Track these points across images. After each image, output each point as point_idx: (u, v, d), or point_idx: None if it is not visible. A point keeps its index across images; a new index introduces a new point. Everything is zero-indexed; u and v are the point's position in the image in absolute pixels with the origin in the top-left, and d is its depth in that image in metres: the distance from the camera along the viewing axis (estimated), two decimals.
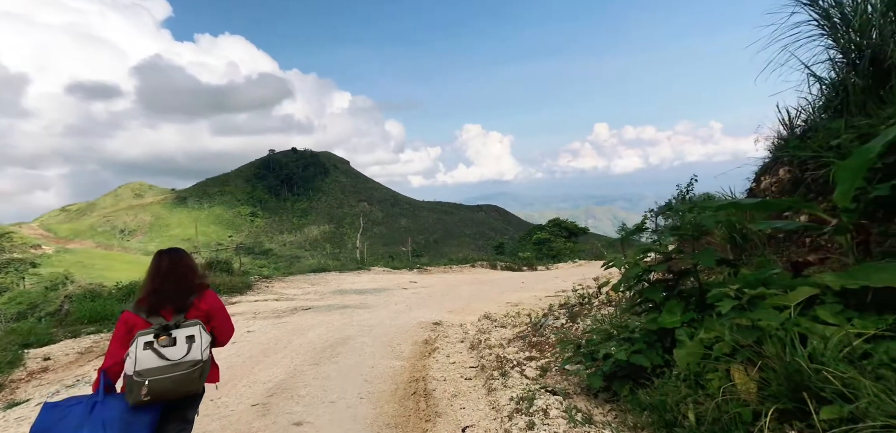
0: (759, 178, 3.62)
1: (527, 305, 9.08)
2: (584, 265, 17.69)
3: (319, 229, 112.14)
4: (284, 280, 14.48)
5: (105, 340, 6.79)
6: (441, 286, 13.22)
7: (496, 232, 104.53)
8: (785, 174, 3.30)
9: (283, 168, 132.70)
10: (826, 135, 2.86)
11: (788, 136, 3.50)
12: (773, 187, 3.36)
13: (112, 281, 13.91)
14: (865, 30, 2.74)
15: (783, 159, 3.42)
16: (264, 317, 8.49)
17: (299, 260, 66.44)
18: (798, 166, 3.14)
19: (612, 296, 4.45)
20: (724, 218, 2.77)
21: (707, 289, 2.52)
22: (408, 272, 16.75)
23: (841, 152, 2.71)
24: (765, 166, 3.64)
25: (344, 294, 11.84)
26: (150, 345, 1.94)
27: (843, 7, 2.92)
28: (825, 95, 3.10)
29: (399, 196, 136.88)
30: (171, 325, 2.04)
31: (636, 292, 2.91)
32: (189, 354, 1.98)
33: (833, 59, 3.03)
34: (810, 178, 2.88)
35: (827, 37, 3.07)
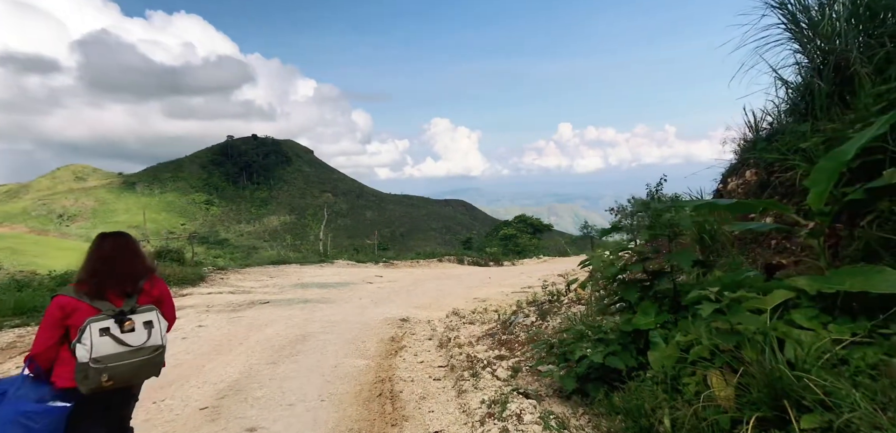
0: (725, 179, 3.68)
1: (494, 301, 9.08)
2: (548, 261, 18.04)
3: (280, 220, 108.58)
4: (241, 272, 13.79)
5: (31, 335, 6.13)
6: (408, 281, 13.02)
7: (463, 226, 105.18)
8: (751, 176, 3.37)
9: (242, 155, 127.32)
10: (792, 138, 2.91)
11: (754, 139, 3.58)
12: (740, 189, 3.42)
13: (45, 268, 12.71)
14: (830, 36, 2.80)
15: (749, 161, 3.49)
16: (218, 311, 7.99)
17: (257, 251, 63.98)
18: (765, 168, 3.20)
19: (582, 295, 4.46)
20: (700, 218, 2.76)
21: (682, 290, 2.50)
22: (373, 266, 16.41)
23: (806, 155, 2.75)
24: (731, 168, 3.72)
25: (305, 287, 11.41)
26: (106, 332, 1.85)
27: (809, 12, 2.99)
28: (791, 99, 3.18)
29: (365, 188, 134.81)
30: (126, 311, 1.95)
31: (610, 291, 2.86)
32: (150, 340, 1.95)
33: (799, 64, 3.10)
34: (777, 180, 2.93)
35: (794, 41, 3.14)
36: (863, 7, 2.63)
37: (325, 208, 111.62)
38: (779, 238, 2.85)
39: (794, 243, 2.70)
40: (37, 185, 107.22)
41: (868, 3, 2.59)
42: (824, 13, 2.86)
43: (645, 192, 4.95)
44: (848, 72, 2.75)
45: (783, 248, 2.78)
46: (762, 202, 2.19)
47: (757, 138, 3.48)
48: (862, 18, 2.66)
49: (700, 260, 2.59)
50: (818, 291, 1.78)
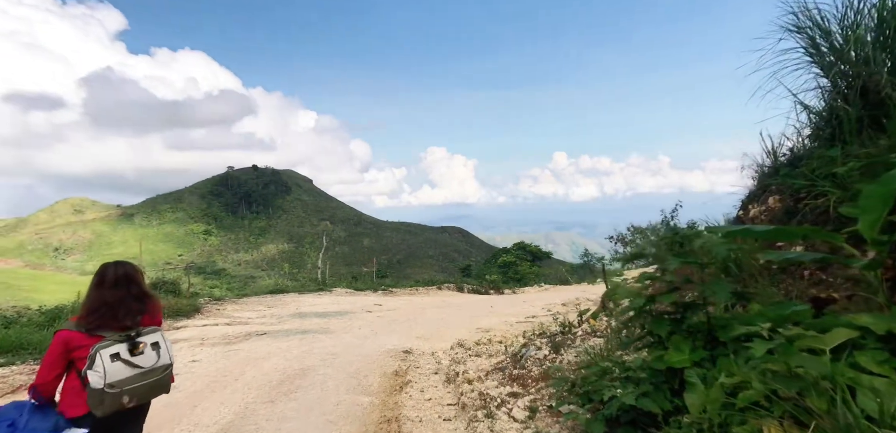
0: (746, 206, 3.53)
1: (498, 331, 8.79)
2: (550, 290, 17.73)
3: (278, 248, 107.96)
4: (238, 302, 13.45)
5: (18, 374, 5.82)
6: (408, 309, 12.71)
7: (460, 254, 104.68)
8: (775, 203, 3.22)
9: (242, 185, 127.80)
10: (821, 163, 2.77)
11: (775, 165, 3.44)
12: (763, 216, 3.26)
13: (39, 303, 12.36)
14: (854, 61, 2.71)
15: (771, 187, 3.34)
16: (213, 344, 7.69)
17: (255, 280, 63.27)
18: (790, 195, 3.05)
19: (596, 326, 4.24)
20: (735, 245, 2.59)
21: (716, 324, 2.30)
22: (372, 294, 16.09)
23: (838, 182, 2.61)
24: (751, 194, 3.57)
25: (303, 317, 11.09)
26: (117, 357, 1.94)
27: (831, 36, 2.90)
28: (814, 124, 3.06)
29: (363, 215, 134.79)
30: (134, 335, 2.04)
31: (637, 324, 2.66)
32: (159, 360, 2.07)
33: (822, 88, 2.99)
34: (806, 207, 2.77)
35: (814, 65, 3.05)
36: (891, 30, 2.53)
37: (324, 236, 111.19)
38: (812, 269, 2.67)
39: (832, 274, 2.53)
40: (35, 219, 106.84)
41: None
42: (848, 37, 2.77)
43: (659, 219, 4.81)
44: (878, 96, 2.64)
45: (819, 280, 2.60)
46: (804, 229, 2.02)
47: (778, 164, 3.35)
48: (889, 42, 2.57)
49: (738, 291, 2.40)
50: (888, 331, 1.59)
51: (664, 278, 2.46)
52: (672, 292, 2.41)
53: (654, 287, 2.70)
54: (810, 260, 2.19)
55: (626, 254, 3.23)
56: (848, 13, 2.75)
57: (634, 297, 2.47)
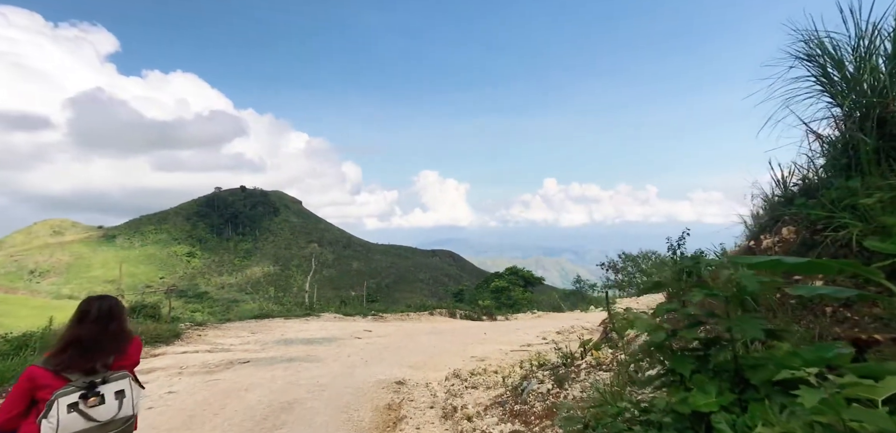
0: (758, 236, 3.42)
1: (494, 360, 8.52)
2: (543, 316, 17.48)
3: (263, 271, 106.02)
4: (220, 327, 12.94)
5: None
6: (399, 336, 12.35)
7: (450, 278, 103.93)
8: (789, 233, 3.11)
9: (229, 206, 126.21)
10: (839, 194, 2.67)
11: (788, 195, 3.36)
12: (777, 247, 3.15)
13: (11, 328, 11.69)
14: (866, 92, 2.65)
15: (784, 218, 3.24)
16: (192, 373, 7.27)
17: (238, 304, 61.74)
18: (806, 226, 2.95)
19: (601, 359, 4.04)
20: (765, 278, 2.44)
21: (744, 364, 2.13)
22: (362, 319, 15.66)
23: (859, 214, 2.51)
24: (763, 225, 3.46)
25: (289, 344, 10.67)
26: (74, 408, 1.81)
27: (843, 65, 2.85)
28: (829, 154, 2.98)
29: (352, 238, 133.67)
30: (97, 382, 1.90)
31: (656, 361, 2.47)
32: (120, 412, 1.92)
33: (835, 117, 2.93)
34: (828, 239, 2.65)
35: (826, 94, 2.99)
36: None
37: (314, 258, 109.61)
38: (835, 306, 2.54)
39: (857, 312, 2.39)
40: (10, 240, 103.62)
41: None
42: (862, 66, 2.72)
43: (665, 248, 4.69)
44: (895, 127, 2.57)
45: (844, 318, 2.47)
46: (841, 263, 1.87)
47: (791, 194, 3.26)
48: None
49: (772, 329, 2.24)
50: None
51: (686, 311, 2.30)
52: (695, 326, 2.24)
53: (674, 320, 2.53)
54: (849, 296, 2.04)
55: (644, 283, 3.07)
56: (861, 42, 2.70)
57: (654, 331, 2.29)
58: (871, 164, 2.61)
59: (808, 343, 2.04)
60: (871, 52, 2.65)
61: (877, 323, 2.37)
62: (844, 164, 2.79)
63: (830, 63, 2.94)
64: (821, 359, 1.79)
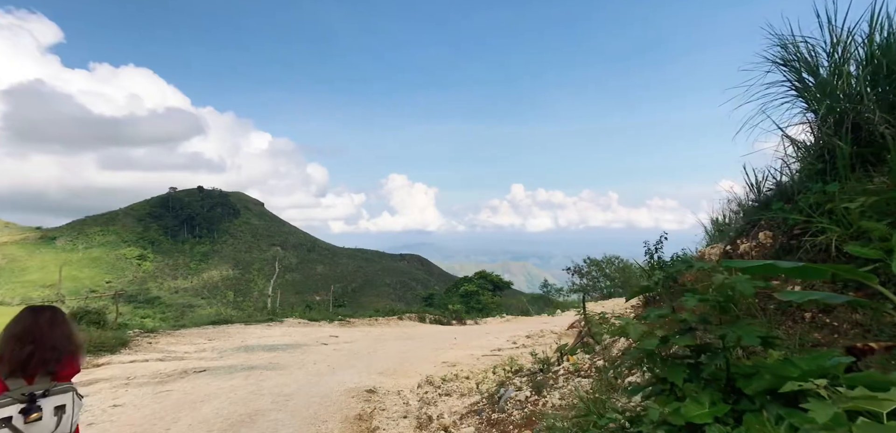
0: (734, 241, 3.45)
1: (465, 365, 8.39)
2: (512, 320, 17.56)
3: (221, 274, 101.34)
4: (174, 334, 12.12)
5: None
6: (367, 341, 11.99)
7: (418, 282, 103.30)
8: (766, 238, 3.15)
9: (185, 207, 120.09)
10: (818, 198, 2.71)
11: (764, 199, 3.42)
12: (755, 252, 3.18)
13: None
14: (841, 98, 2.71)
15: (760, 223, 3.28)
16: (141, 384, 6.70)
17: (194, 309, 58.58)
18: (783, 231, 2.99)
19: (579, 365, 3.98)
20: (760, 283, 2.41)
21: (738, 373, 2.08)
22: (328, 324, 15.15)
23: (835, 218, 2.55)
24: (740, 229, 3.51)
25: (250, 351, 10.11)
26: (6, 423, 1.67)
27: (818, 71, 2.92)
28: (803, 159, 3.04)
29: (317, 241, 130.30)
30: (36, 394, 1.73)
31: (644, 369, 2.39)
32: (58, 428, 1.76)
33: (810, 122, 2.99)
34: (808, 243, 2.68)
35: (801, 99, 3.06)
36: (882, 68, 2.55)
37: (277, 262, 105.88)
38: (814, 312, 2.57)
39: (836, 318, 2.42)
40: None
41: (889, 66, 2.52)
42: (839, 73, 2.78)
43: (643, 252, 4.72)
44: (869, 133, 2.63)
45: (823, 324, 2.50)
46: (834, 267, 1.84)
47: (766, 198, 3.32)
48: (878, 79, 2.58)
49: (770, 337, 2.20)
50: None
51: (678, 316, 2.23)
52: (687, 333, 2.17)
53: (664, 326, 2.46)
54: (845, 302, 2.02)
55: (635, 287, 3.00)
56: (835, 47, 2.76)
57: (645, 337, 2.21)
58: (846, 169, 2.66)
59: (799, 351, 2.02)
60: (845, 58, 2.73)
61: (858, 329, 2.40)
62: (820, 169, 2.84)
63: (805, 68, 3.01)
64: (820, 369, 1.74)
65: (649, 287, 2.54)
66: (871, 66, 2.60)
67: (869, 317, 2.21)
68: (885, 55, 2.51)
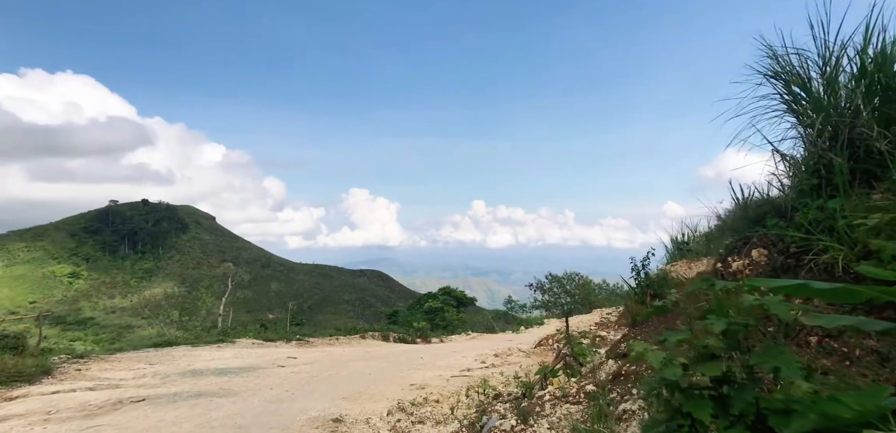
0: (726, 259, 3.37)
1: (436, 388, 8.00)
2: (478, 337, 17.29)
3: (166, 292, 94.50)
4: (108, 359, 10.87)
5: None
6: (328, 362, 11.29)
7: (378, 299, 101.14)
8: (760, 256, 3.07)
9: (127, 221, 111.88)
10: (817, 216, 2.64)
11: (743, 215, 3.38)
12: (748, 270, 3.10)
13: None
14: (841, 111, 2.68)
15: (753, 240, 3.22)
16: (65, 418, 5.81)
17: (132, 330, 54.01)
18: (779, 249, 2.91)
19: (566, 389, 3.76)
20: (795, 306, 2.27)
21: (768, 408, 1.88)
22: (285, 344, 14.21)
23: (837, 236, 2.48)
24: (731, 246, 3.43)
25: (198, 376, 9.20)
26: None
27: (809, 85, 2.90)
28: (796, 174, 3.00)
29: (272, 256, 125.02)
30: None
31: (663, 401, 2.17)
32: None
33: (803, 137, 2.96)
34: (811, 262, 2.59)
35: (790, 113, 3.04)
36: (880, 82, 2.54)
37: (229, 279, 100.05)
38: (820, 336, 2.47)
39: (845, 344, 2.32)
40: None
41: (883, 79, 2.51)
42: (832, 87, 2.76)
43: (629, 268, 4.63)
44: (866, 148, 2.60)
45: (830, 350, 2.40)
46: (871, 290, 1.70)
47: (757, 215, 3.26)
48: (873, 93, 2.57)
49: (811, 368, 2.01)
50: None
51: (702, 342, 2.02)
52: (713, 361, 1.96)
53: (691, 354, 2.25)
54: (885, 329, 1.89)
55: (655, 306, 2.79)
56: (828, 62, 2.75)
57: (667, 366, 1.98)
58: (845, 185, 2.60)
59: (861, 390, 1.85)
60: (838, 71, 2.72)
61: (873, 356, 2.29)
62: (815, 184, 2.79)
63: (795, 82, 3.00)
64: (878, 409, 1.56)
65: (664, 308, 2.34)
66: (865, 80, 2.60)
67: (885, 343, 2.12)
68: (879, 69, 2.51)
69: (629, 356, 2.15)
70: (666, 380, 2.04)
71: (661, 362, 2.09)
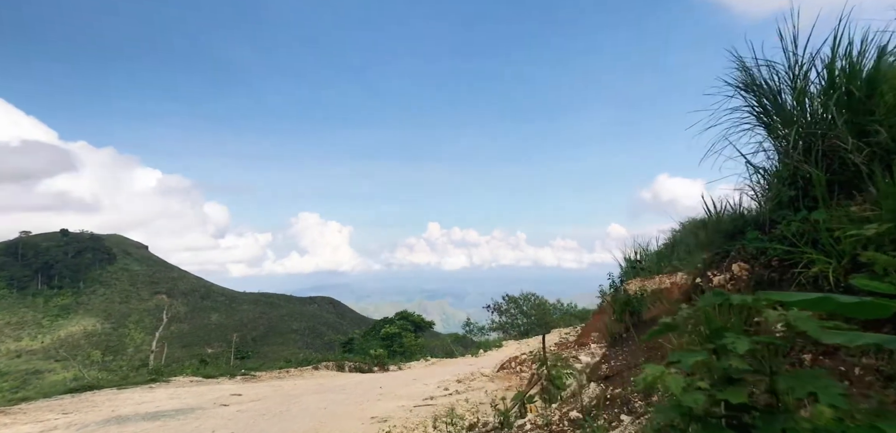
0: (705, 273, 3.34)
1: (398, 420, 7.51)
2: (437, 363, 16.81)
3: (86, 329, 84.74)
4: (8, 412, 9.31)
5: None
6: (278, 398, 10.38)
7: (329, 326, 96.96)
8: (741, 270, 3.04)
9: (41, 254, 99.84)
10: (801, 227, 2.64)
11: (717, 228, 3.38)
12: (729, 285, 3.06)
13: None
14: (816, 123, 2.73)
15: (731, 254, 3.20)
16: None
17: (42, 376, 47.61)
18: (762, 263, 2.89)
19: (549, 418, 3.55)
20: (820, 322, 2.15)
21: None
22: (228, 381, 12.97)
23: (822, 248, 2.48)
24: (710, 261, 3.41)
25: (124, 423, 8.07)
26: None
27: (778, 97, 2.97)
28: (771, 186, 3.03)
29: (212, 286, 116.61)
30: None
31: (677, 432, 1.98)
32: None
33: (777, 149, 3.01)
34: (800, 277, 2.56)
35: (761, 125, 3.10)
36: (848, 93, 2.61)
37: (164, 312, 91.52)
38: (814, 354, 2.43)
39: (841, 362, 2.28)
40: None
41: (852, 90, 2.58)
42: (801, 98, 2.82)
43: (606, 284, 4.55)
44: (840, 159, 2.64)
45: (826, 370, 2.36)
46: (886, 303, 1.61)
47: (733, 228, 3.27)
48: (852, 103, 2.63)
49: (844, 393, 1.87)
50: None
51: (723, 364, 1.84)
52: (736, 386, 1.77)
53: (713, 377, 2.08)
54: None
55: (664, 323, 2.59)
56: (797, 73, 2.82)
57: (687, 392, 1.78)
58: (825, 197, 2.63)
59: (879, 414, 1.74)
60: (807, 82, 2.81)
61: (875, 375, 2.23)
62: (793, 196, 2.82)
63: (763, 94, 3.07)
64: None
65: (673, 325, 2.17)
66: (834, 91, 2.68)
67: (884, 361, 2.08)
68: (849, 80, 2.61)
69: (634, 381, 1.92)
70: (684, 411, 1.85)
71: (682, 388, 1.90)
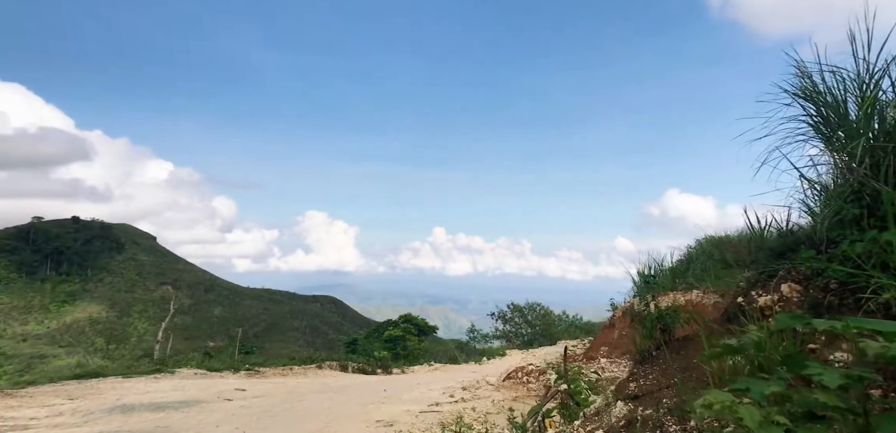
0: (748, 293, 3.13)
1: (404, 424, 7.36)
2: (441, 369, 16.59)
3: (91, 316, 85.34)
4: (15, 395, 9.27)
5: None
6: (282, 396, 10.27)
7: (330, 326, 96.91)
8: (792, 292, 2.84)
9: (52, 240, 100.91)
10: (869, 248, 2.45)
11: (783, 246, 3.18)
12: (779, 306, 2.86)
13: None
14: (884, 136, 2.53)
15: (780, 274, 3.01)
16: None
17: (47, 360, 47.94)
18: (819, 286, 2.69)
19: None
20: None
21: None
22: (232, 375, 12.88)
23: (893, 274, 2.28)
24: (753, 280, 3.21)
25: (129, 413, 7.99)
26: None
27: (841, 107, 2.77)
28: (827, 203, 2.84)
29: (217, 280, 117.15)
30: None
31: None
32: None
33: (837, 163, 2.81)
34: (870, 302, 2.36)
35: (818, 137, 2.91)
36: None
37: (171, 303, 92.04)
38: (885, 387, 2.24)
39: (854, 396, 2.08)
40: None
41: None
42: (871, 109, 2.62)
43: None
44: None
45: None
46: None
47: (784, 246, 3.07)
48: None
49: None
50: None
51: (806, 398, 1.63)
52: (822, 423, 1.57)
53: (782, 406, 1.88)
54: None
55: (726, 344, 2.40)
56: (867, 81, 2.62)
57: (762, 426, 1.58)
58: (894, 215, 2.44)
59: None
60: (878, 92, 2.60)
61: None
62: (856, 214, 2.62)
63: (823, 103, 2.88)
64: None
65: (735, 347, 1.99)
66: None
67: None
68: None
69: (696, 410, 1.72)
70: None
71: (759, 422, 1.69)
